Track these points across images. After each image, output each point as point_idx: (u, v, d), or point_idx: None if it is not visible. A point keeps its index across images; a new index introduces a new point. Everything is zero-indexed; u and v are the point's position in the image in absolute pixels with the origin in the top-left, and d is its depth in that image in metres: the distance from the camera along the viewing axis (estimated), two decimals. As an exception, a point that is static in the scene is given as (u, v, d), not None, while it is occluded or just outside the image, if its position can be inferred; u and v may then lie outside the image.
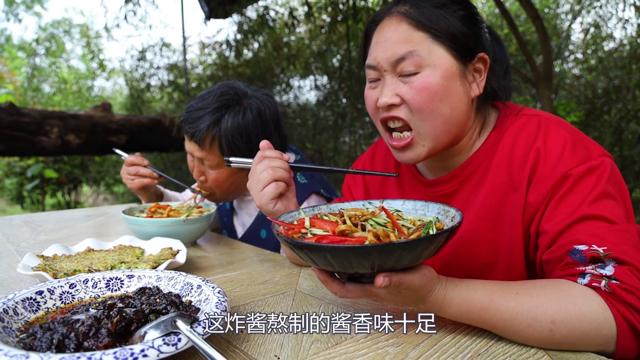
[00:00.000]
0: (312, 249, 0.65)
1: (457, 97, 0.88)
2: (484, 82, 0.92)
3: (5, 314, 0.68)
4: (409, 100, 0.87)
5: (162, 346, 0.58)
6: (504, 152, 0.91)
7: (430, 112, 0.86)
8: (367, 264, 0.64)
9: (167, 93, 6.97)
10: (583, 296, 0.71)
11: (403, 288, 0.68)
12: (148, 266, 1.00)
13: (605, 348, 0.70)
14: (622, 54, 5.48)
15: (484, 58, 0.91)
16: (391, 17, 0.90)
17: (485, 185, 0.92)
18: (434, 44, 0.86)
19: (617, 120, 5.21)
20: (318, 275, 0.74)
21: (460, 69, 0.88)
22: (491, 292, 0.73)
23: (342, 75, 6.00)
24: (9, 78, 10.15)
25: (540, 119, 0.90)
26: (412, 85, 0.86)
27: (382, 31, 0.91)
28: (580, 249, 0.75)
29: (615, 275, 0.71)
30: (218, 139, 1.35)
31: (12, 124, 3.94)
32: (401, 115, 0.88)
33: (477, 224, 0.92)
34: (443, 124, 0.88)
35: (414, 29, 0.87)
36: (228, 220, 1.69)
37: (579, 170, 0.80)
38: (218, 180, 1.42)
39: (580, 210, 0.77)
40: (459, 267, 0.96)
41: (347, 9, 4.92)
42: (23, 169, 6.98)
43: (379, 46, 0.90)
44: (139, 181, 1.54)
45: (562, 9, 6.59)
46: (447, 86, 0.86)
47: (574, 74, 6.26)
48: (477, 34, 0.90)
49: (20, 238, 1.49)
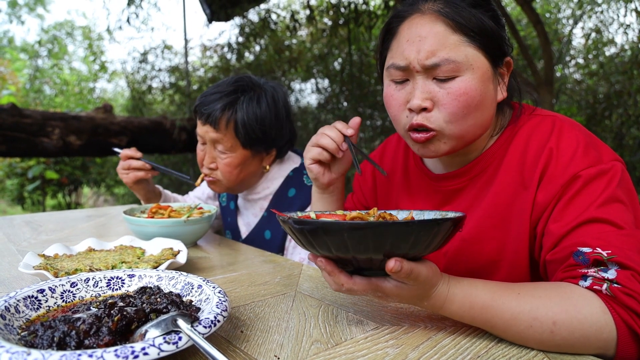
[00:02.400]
0: (328, 228, 0.63)
1: (489, 101, 0.87)
2: (506, 86, 0.91)
3: (7, 312, 0.68)
4: (444, 104, 0.84)
5: (162, 344, 0.58)
6: (516, 150, 0.90)
7: (464, 117, 0.84)
8: (384, 245, 0.63)
9: (169, 95, 6.99)
10: (584, 299, 0.71)
11: (412, 278, 0.67)
12: (149, 266, 1.00)
13: (605, 352, 0.70)
14: (624, 59, 5.48)
15: (509, 61, 0.90)
16: (423, 14, 0.85)
17: (495, 183, 0.92)
18: (471, 47, 0.83)
19: (618, 125, 5.21)
20: (325, 267, 0.70)
21: (493, 72, 0.87)
22: (493, 291, 0.73)
23: (343, 79, 6.01)
24: (11, 79, 10.18)
25: (554, 119, 0.89)
26: (449, 90, 0.83)
27: (414, 29, 0.85)
28: (584, 251, 0.74)
29: (617, 279, 0.71)
30: (234, 120, 1.37)
31: (14, 125, 3.95)
32: (431, 123, 0.85)
33: (485, 221, 0.92)
34: (471, 127, 0.87)
35: (451, 30, 0.83)
36: (232, 221, 1.68)
37: (589, 172, 0.80)
38: (230, 165, 1.42)
39: (588, 213, 0.77)
40: (463, 262, 0.96)
41: (348, 12, 4.93)
42: (24, 169, 6.99)
43: (412, 45, 0.84)
44: (133, 174, 1.53)
45: (563, 14, 6.61)
46: (483, 91, 0.84)
47: (575, 78, 6.27)
48: (503, 36, 0.88)
49: (21, 238, 1.49)
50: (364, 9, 4.80)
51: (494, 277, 0.93)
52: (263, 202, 1.58)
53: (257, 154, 1.47)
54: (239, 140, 1.41)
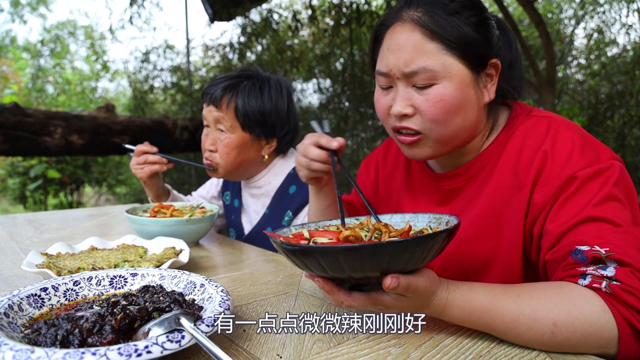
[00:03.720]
0: (323, 253, 0.64)
1: (470, 106, 0.89)
2: (495, 87, 0.92)
3: (11, 310, 0.68)
4: (423, 111, 0.87)
5: (165, 343, 0.58)
6: (511, 152, 0.92)
7: (444, 122, 0.87)
8: (380, 264, 0.63)
9: (170, 95, 6.99)
10: (584, 298, 0.71)
11: (410, 291, 0.67)
12: (151, 265, 1.00)
13: (607, 350, 0.70)
14: (626, 59, 5.47)
15: (496, 63, 0.90)
16: (404, 23, 0.88)
17: (491, 183, 0.93)
18: (447, 55, 0.85)
19: (620, 125, 5.20)
20: (323, 286, 0.71)
21: (473, 77, 0.88)
22: (492, 295, 0.73)
23: (345, 79, 6.01)
24: (13, 79, 10.19)
25: (550, 121, 0.90)
26: (427, 97, 0.86)
27: (394, 37, 0.89)
28: (582, 250, 0.75)
29: (616, 277, 0.71)
30: (234, 100, 1.45)
31: (16, 124, 3.95)
32: (413, 126, 0.89)
33: (480, 221, 0.93)
34: (453, 132, 0.89)
35: (427, 39, 0.85)
36: (236, 219, 1.70)
37: (585, 172, 0.80)
38: (229, 145, 1.47)
39: (585, 212, 0.78)
40: (458, 261, 0.97)
41: (350, 12, 4.93)
42: (26, 169, 6.99)
43: (392, 54, 0.88)
44: (149, 168, 1.55)
45: (565, 14, 6.59)
46: (461, 97, 0.86)
47: (577, 79, 6.26)
48: (489, 40, 0.89)
49: (24, 236, 1.49)
50: (365, 9, 4.79)
51: (488, 276, 0.94)
52: (265, 199, 1.59)
53: (257, 140, 1.51)
54: (238, 122, 1.46)
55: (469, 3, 0.88)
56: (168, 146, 5.16)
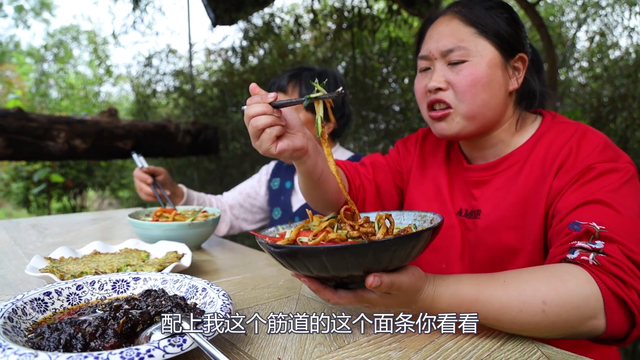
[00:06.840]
0: (306, 254, 0.66)
1: (497, 86, 0.97)
2: (521, 79, 1.01)
3: (14, 314, 0.69)
4: (455, 84, 0.97)
5: (167, 347, 0.58)
6: (540, 151, 0.97)
7: (472, 96, 0.96)
8: (363, 263, 0.65)
9: (173, 99, 7.01)
10: (569, 273, 0.73)
11: (395, 289, 0.69)
12: (153, 269, 1.01)
13: (596, 321, 0.72)
14: (628, 62, 5.46)
15: (524, 58, 1.01)
16: (445, 15, 1.02)
17: (519, 180, 0.98)
18: (480, 38, 0.97)
19: (623, 128, 5.19)
20: (309, 285, 0.75)
21: (502, 61, 0.98)
22: (478, 283, 0.74)
23: (347, 82, 6.02)
24: (17, 84, 10.25)
25: (579, 126, 0.97)
26: (459, 72, 0.97)
27: (436, 27, 1.02)
28: (579, 222, 0.79)
29: (604, 250, 0.74)
30: (299, 84, 1.66)
31: (20, 128, 3.98)
32: (446, 99, 0.98)
33: (507, 212, 0.97)
34: (480, 108, 0.97)
35: (463, 24, 0.98)
36: (286, 199, 1.80)
37: (604, 165, 0.85)
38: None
39: (595, 195, 0.82)
40: (486, 249, 1.00)
41: (352, 16, 4.94)
42: (30, 173, 7.02)
43: (432, 39, 1.01)
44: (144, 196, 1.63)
45: (567, 17, 6.59)
46: (490, 75, 0.96)
47: (579, 82, 6.25)
48: (518, 35, 1.00)
49: (27, 241, 1.50)
50: (367, 13, 4.81)
51: (513, 264, 0.96)
52: None
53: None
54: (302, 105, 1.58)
55: (503, 3, 1.02)
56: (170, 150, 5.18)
